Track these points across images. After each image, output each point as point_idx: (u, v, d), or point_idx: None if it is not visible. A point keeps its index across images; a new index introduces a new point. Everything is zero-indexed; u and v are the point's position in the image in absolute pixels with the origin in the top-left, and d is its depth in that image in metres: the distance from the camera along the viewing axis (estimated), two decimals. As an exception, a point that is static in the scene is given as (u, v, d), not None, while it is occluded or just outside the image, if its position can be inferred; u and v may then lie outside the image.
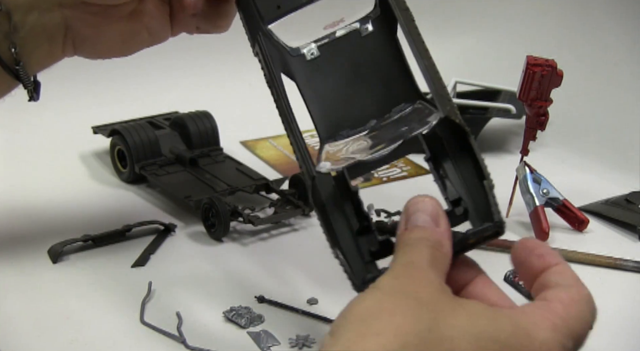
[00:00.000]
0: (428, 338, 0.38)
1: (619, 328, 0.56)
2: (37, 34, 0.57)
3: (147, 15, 0.60)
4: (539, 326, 0.39)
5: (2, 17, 0.56)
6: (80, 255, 0.64)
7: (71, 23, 0.58)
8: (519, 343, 0.39)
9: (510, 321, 0.39)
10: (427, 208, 0.43)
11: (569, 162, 0.81)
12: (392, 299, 0.39)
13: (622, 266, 0.62)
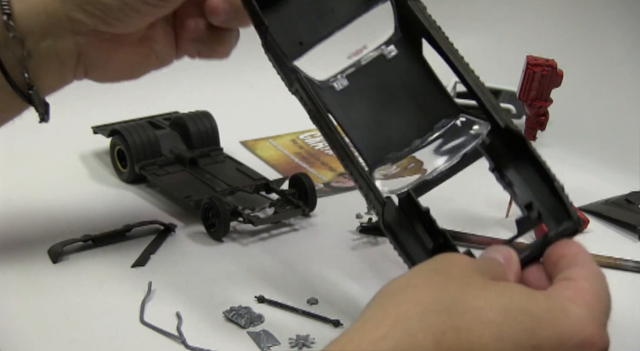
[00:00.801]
0: (451, 308, 0.37)
1: (619, 328, 0.55)
2: (49, 59, 0.58)
3: (155, 41, 0.62)
4: (574, 302, 0.39)
5: (16, 43, 0.56)
6: (80, 255, 0.64)
7: (83, 49, 0.59)
8: (553, 317, 0.38)
9: (545, 297, 0.39)
10: (500, 249, 0.44)
11: (569, 162, 0.81)
12: (421, 275, 0.40)
13: (622, 266, 0.62)
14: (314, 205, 0.70)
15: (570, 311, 0.38)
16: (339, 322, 0.55)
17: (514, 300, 0.38)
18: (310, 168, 0.82)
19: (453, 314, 0.37)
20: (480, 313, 0.37)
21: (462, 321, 0.37)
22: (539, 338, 0.37)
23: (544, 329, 0.37)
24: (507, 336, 0.37)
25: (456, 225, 0.68)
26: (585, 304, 0.39)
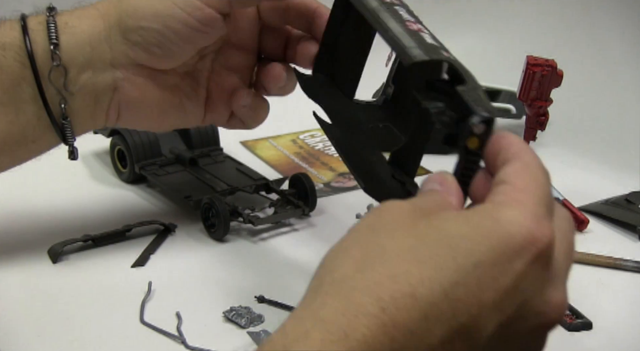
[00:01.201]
0: (383, 257, 0.37)
1: (619, 328, 0.56)
2: (86, 93, 0.59)
3: (184, 93, 0.62)
4: (505, 206, 0.37)
5: (59, 73, 0.57)
6: (80, 255, 0.64)
7: (120, 85, 0.59)
8: (485, 230, 0.36)
9: (473, 213, 0.38)
10: (434, 177, 0.42)
11: (569, 162, 0.81)
12: (352, 236, 0.39)
13: (622, 266, 0.62)
14: (314, 205, 0.70)
15: (501, 218, 0.36)
16: (339, 322, 0.55)
17: (443, 228, 0.37)
18: (310, 168, 0.82)
19: (386, 263, 0.36)
20: (413, 253, 0.36)
21: (397, 267, 0.36)
22: (476, 256, 0.36)
23: (479, 244, 0.36)
24: (445, 265, 0.36)
25: (456, 225, 0.68)
26: (518, 203, 0.37)
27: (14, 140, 0.59)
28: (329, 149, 0.86)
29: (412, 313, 0.35)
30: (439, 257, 0.36)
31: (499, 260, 0.35)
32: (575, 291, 0.58)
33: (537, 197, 0.38)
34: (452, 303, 0.35)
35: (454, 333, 0.35)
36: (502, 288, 0.35)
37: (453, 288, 0.35)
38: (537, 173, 0.39)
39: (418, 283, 0.35)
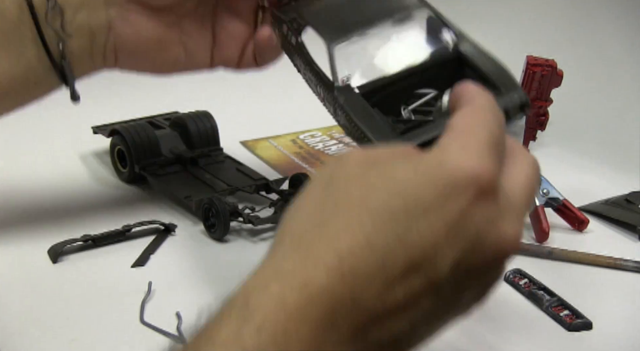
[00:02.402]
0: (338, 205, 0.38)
1: (619, 328, 0.56)
2: (83, 33, 0.60)
3: (185, 31, 0.63)
4: (448, 149, 0.38)
5: (55, 15, 0.59)
6: (80, 255, 0.64)
7: (114, 23, 0.61)
8: (430, 175, 0.37)
9: (420, 160, 0.39)
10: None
11: (569, 162, 0.81)
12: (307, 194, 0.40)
13: (622, 266, 0.62)
14: (314, 205, 0.70)
15: (445, 161, 0.38)
16: (339, 322, 0.55)
17: (392, 177, 0.38)
18: (310, 168, 0.82)
19: (340, 216, 0.37)
20: (365, 203, 0.37)
21: (351, 218, 0.37)
22: (425, 201, 0.37)
23: (426, 190, 0.37)
24: (397, 213, 0.37)
25: (456, 225, 0.68)
26: (460, 145, 0.38)
27: (17, 83, 0.61)
28: (329, 149, 0.86)
29: (369, 261, 0.36)
30: (390, 206, 0.37)
31: (445, 202, 0.37)
32: (575, 291, 0.58)
33: (480, 137, 0.39)
34: (407, 249, 0.36)
35: (410, 270, 0.36)
36: (452, 226, 0.37)
37: (406, 234, 0.36)
38: (485, 115, 0.40)
39: (372, 232, 0.36)
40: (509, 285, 0.60)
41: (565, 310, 0.56)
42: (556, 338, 0.54)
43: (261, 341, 0.34)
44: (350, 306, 0.36)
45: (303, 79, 0.60)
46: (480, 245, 0.38)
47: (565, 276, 0.61)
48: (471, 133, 0.39)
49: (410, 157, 0.39)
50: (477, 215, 0.37)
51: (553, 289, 0.58)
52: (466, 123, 0.40)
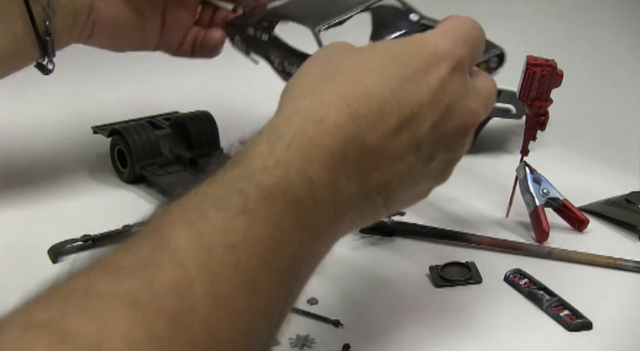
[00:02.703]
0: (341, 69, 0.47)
1: (619, 328, 0.56)
2: (67, 11, 0.66)
3: (146, 16, 0.71)
4: (430, 35, 0.49)
5: None
6: (81, 255, 0.64)
7: (96, 4, 0.67)
8: (417, 48, 0.48)
9: (410, 39, 0.49)
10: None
11: (569, 162, 0.81)
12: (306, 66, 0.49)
13: (622, 266, 0.62)
14: (314, 205, 0.70)
15: (428, 39, 0.49)
16: (339, 322, 0.55)
17: (385, 48, 0.48)
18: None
19: (344, 74, 0.46)
20: (364, 66, 0.46)
21: (354, 76, 0.46)
22: (413, 66, 0.47)
23: (414, 58, 0.47)
24: (391, 74, 0.46)
25: (456, 225, 0.68)
26: (441, 32, 0.49)
27: (3, 55, 0.66)
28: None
29: (370, 107, 0.45)
30: (385, 68, 0.46)
31: (428, 70, 0.47)
32: (575, 291, 0.58)
33: (459, 32, 0.50)
34: (399, 102, 0.46)
35: (402, 125, 0.46)
36: (433, 90, 0.47)
37: (398, 90, 0.46)
38: (466, 22, 0.52)
39: (372, 86, 0.45)
40: (509, 285, 0.60)
41: (565, 310, 0.56)
42: (556, 338, 0.54)
43: (290, 156, 0.42)
44: (358, 144, 0.44)
45: (278, 72, 0.69)
46: (452, 112, 0.48)
47: (565, 276, 0.61)
48: (452, 27, 0.50)
49: (398, 40, 0.50)
50: (452, 85, 0.48)
51: (553, 289, 0.58)
52: (449, 23, 0.51)
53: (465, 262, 0.62)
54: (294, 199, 0.40)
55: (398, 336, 0.54)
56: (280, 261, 0.39)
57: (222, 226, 0.37)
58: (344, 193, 0.44)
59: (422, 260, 0.63)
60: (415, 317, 0.56)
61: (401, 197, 0.48)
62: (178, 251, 0.36)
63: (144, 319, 0.33)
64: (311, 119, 0.43)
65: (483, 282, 0.60)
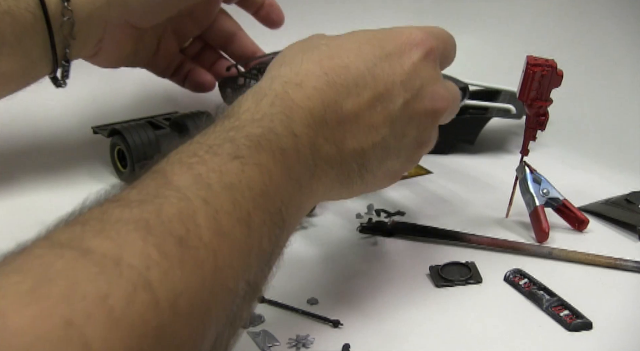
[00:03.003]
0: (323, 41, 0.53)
1: (619, 328, 0.56)
2: (82, 39, 0.70)
3: (145, 41, 0.77)
4: (404, 27, 0.55)
5: (69, 24, 0.68)
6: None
7: (105, 37, 0.72)
8: (393, 34, 0.54)
9: (390, 28, 0.55)
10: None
11: (569, 162, 0.81)
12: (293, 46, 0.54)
13: (622, 266, 0.62)
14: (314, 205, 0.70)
15: (403, 29, 0.54)
16: (339, 322, 0.55)
17: (362, 33, 0.54)
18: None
19: (322, 50, 0.51)
20: (342, 46, 0.52)
21: (332, 51, 0.51)
22: (387, 48, 0.52)
23: (389, 42, 0.53)
24: (366, 53, 0.52)
25: (456, 225, 0.68)
26: (415, 27, 0.55)
27: (18, 76, 0.69)
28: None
29: (347, 78, 0.50)
30: (362, 48, 0.52)
31: (402, 54, 0.53)
32: (575, 291, 0.58)
33: (430, 29, 0.55)
34: (373, 77, 0.51)
35: (376, 99, 0.51)
36: (406, 72, 0.52)
37: (373, 68, 0.51)
38: (439, 27, 0.57)
39: (349, 61, 0.51)
40: (509, 285, 0.60)
41: (565, 310, 0.56)
42: (556, 338, 0.54)
43: (274, 111, 0.47)
44: (335, 108, 0.49)
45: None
46: (423, 94, 0.53)
47: (565, 276, 0.61)
48: (426, 26, 0.56)
49: (374, 29, 0.55)
50: (423, 70, 0.53)
51: (553, 289, 0.58)
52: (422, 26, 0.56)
53: (465, 262, 0.62)
54: (279, 149, 0.45)
55: (398, 336, 0.54)
56: (271, 203, 0.44)
57: (218, 168, 0.42)
58: (322, 153, 0.49)
59: (422, 260, 0.63)
60: (415, 317, 0.56)
61: (374, 169, 0.53)
62: (181, 188, 0.40)
63: (155, 240, 0.37)
64: (291, 83, 0.49)
65: (483, 282, 0.60)
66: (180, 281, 0.36)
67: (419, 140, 0.55)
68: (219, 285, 0.39)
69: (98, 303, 0.33)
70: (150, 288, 0.35)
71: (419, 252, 0.65)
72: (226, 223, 0.40)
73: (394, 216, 0.69)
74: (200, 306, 0.37)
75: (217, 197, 0.41)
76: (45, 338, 0.31)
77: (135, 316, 0.34)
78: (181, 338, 0.36)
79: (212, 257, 0.39)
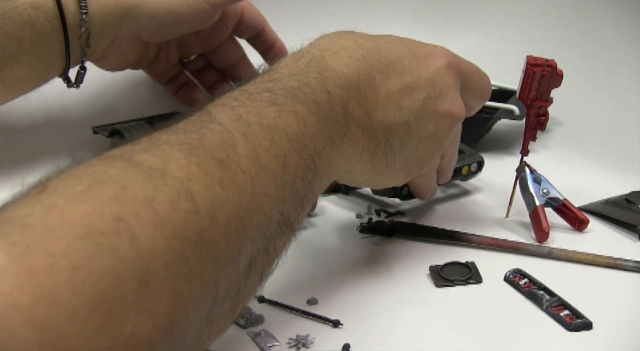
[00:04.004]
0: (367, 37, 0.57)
1: (619, 328, 0.56)
2: (94, 48, 0.73)
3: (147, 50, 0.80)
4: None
5: (85, 35, 0.70)
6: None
7: (113, 45, 0.74)
8: (418, 43, 0.59)
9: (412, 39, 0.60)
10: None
11: (569, 162, 0.81)
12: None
13: (622, 266, 0.62)
14: (314, 205, 0.70)
15: (427, 44, 0.59)
16: (339, 322, 0.55)
17: (397, 36, 0.59)
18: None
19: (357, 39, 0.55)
20: (374, 40, 0.56)
21: (366, 40, 0.55)
22: (415, 50, 0.58)
23: (417, 47, 0.58)
24: (398, 49, 0.56)
25: (456, 225, 0.68)
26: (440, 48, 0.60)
27: (32, 81, 0.72)
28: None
29: (380, 57, 0.55)
30: (394, 43, 0.57)
31: (428, 58, 0.57)
32: (575, 291, 0.58)
33: (451, 54, 0.60)
34: (403, 68, 0.56)
35: (403, 86, 0.55)
36: (430, 72, 0.57)
37: (403, 60, 0.56)
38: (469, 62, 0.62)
39: (383, 46, 0.56)
40: (509, 285, 0.60)
41: (565, 310, 0.56)
42: (556, 338, 0.54)
43: (310, 69, 0.51)
44: (369, 79, 0.53)
45: None
46: (444, 97, 0.57)
47: (565, 276, 0.61)
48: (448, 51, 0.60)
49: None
50: (446, 77, 0.57)
51: (553, 289, 0.58)
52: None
53: (465, 262, 0.62)
54: (314, 101, 0.49)
55: (398, 336, 0.54)
56: (304, 149, 0.47)
57: (257, 112, 0.46)
58: (353, 116, 0.52)
59: (422, 260, 0.63)
60: (415, 317, 0.56)
61: (396, 152, 0.56)
62: (223, 122, 0.44)
63: (198, 160, 0.41)
64: (329, 51, 0.53)
65: (483, 282, 0.60)
66: (219, 196, 0.40)
67: (436, 137, 0.58)
68: (255, 207, 0.43)
69: (145, 205, 0.37)
70: (192, 198, 0.39)
71: (419, 252, 0.65)
72: (264, 157, 0.44)
73: (394, 216, 0.69)
74: (237, 221, 0.41)
75: (255, 134, 0.45)
76: (97, 230, 0.35)
77: (178, 220, 0.38)
78: (219, 246, 0.40)
79: (250, 182, 0.43)
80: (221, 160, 0.42)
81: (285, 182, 0.46)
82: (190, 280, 0.38)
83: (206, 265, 0.39)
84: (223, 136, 0.43)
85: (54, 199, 0.36)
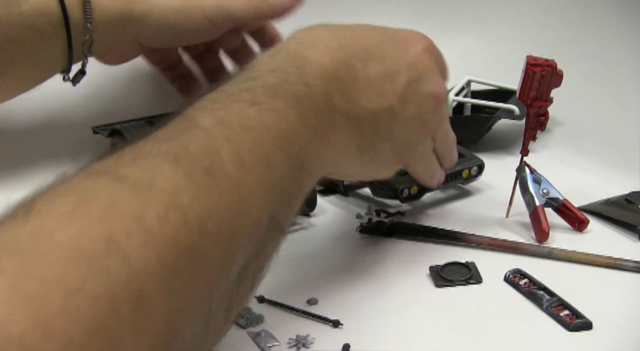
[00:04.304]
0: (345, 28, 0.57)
1: (619, 328, 0.56)
2: (95, 51, 0.73)
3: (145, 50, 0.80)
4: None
5: (88, 40, 0.71)
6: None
7: (114, 48, 0.74)
8: (393, 30, 0.59)
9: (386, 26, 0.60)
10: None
11: (569, 162, 0.81)
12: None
13: (622, 266, 0.62)
14: (314, 205, 0.70)
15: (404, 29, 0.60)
16: (339, 322, 0.55)
17: (371, 25, 0.58)
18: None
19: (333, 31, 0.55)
20: (349, 29, 0.56)
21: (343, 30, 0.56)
22: (392, 36, 0.58)
23: (395, 33, 0.58)
24: (375, 35, 0.57)
25: (456, 225, 0.68)
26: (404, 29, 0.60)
27: (33, 82, 0.73)
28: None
29: (357, 45, 0.55)
30: (371, 31, 0.57)
31: (408, 44, 0.58)
32: (575, 291, 0.58)
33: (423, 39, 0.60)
34: (381, 55, 0.55)
35: (384, 73, 0.55)
36: (410, 56, 0.57)
37: (381, 46, 0.56)
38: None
39: (360, 34, 0.56)
40: (509, 285, 0.60)
41: (565, 310, 0.56)
42: (556, 338, 0.54)
43: (288, 64, 0.51)
44: (348, 68, 0.53)
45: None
46: (425, 78, 0.57)
47: (565, 276, 0.61)
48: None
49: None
50: (425, 60, 0.57)
51: (553, 289, 0.58)
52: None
53: (465, 262, 0.62)
54: (294, 96, 0.49)
55: (398, 336, 0.54)
56: (288, 146, 0.47)
57: (238, 113, 0.46)
58: (337, 106, 0.51)
59: (422, 260, 0.63)
60: (415, 317, 0.56)
61: (383, 138, 0.55)
62: (205, 127, 0.44)
63: (183, 170, 0.40)
64: (305, 43, 0.53)
65: (483, 282, 0.60)
66: (207, 206, 0.40)
67: (422, 119, 0.57)
68: (243, 213, 0.42)
69: (135, 222, 0.36)
70: (181, 210, 0.38)
71: (419, 252, 0.65)
72: (248, 160, 0.44)
73: (393, 216, 0.69)
74: (226, 230, 0.41)
75: (238, 136, 0.44)
76: (88, 252, 0.34)
77: (169, 235, 0.37)
78: (210, 258, 0.39)
79: (236, 188, 0.42)
80: (206, 168, 0.41)
81: (272, 184, 0.45)
82: (184, 295, 0.37)
83: (199, 278, 0.39)
84: (206, 142, 0.43)
85: (41, 220, 0.35)
